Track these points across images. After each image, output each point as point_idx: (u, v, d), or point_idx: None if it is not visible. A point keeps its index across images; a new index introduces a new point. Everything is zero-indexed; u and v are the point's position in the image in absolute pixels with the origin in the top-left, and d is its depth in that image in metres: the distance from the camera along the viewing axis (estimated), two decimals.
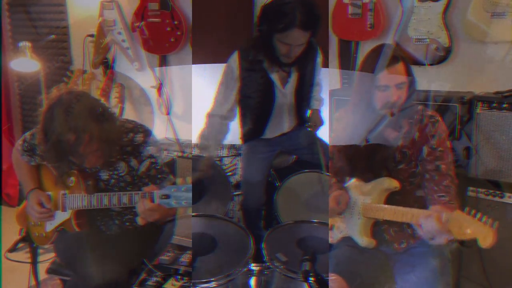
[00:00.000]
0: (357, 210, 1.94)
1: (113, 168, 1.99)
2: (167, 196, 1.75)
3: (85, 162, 1.91)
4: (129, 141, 1.97)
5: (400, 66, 1.77)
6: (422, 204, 1.83)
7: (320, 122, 2.75)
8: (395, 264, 1.91)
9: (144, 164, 1.99)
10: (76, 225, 2.00)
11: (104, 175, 2.00)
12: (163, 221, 2.11)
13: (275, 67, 2.41)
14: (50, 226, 2.09)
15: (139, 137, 1.97)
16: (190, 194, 1.74)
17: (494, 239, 1.45)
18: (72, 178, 2.00)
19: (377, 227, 1.92)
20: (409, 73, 1.79)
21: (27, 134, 2.11)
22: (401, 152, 1.87)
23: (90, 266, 1.88)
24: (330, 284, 1.75)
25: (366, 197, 1.91)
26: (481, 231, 1.46)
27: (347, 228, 1.98)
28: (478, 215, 1.49)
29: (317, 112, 2.77)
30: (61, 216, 2.03)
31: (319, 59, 2.61)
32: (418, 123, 1.86)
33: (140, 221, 1.85)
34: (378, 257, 1.92)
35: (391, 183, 1.85)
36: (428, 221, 1.62)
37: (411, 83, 1.81)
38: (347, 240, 1.96)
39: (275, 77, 2.45)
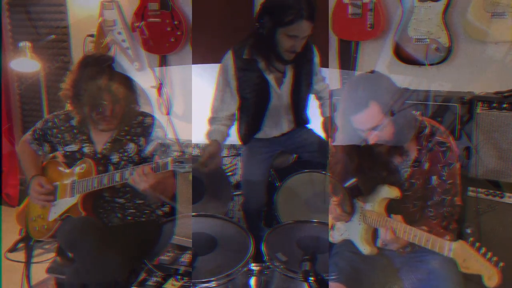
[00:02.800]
0: (357, 215, 1.92)
1: (123, 150, 2.11)
2: (181, 162, 1.89)
3: (107, 112, 2.03)
4: (138, 123, 2.15)
5: (370, 110, 1.63)
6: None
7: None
8: (402, 267, 1.88)
9: (152, 144, 2.11)
10: (82, 209, 2.06)
11: (115, 158, 2.11)
12: (153, 196, 2.11)
13: (271, 66, 2.41)
14: (53, 214, 2.13)
15: (148, 119, 2.17)
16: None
17: (500, 279, 1.41)
18: (84, 165, 2.10)
19: (373, 234, 1.90)
20: (389, 111, 1.63)
21: (38, 124, 2.24)
22: (409, 183, 1.82)
23: (91, 253, 1.90)
24: None
25: (366, 203, 1.88)
26: (487, 270, 1.43)
27: (348, 232, 1.97)
28: (483, 250, 1.46)
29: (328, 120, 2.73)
30: (67, 202, 2.10)
31: (317, 58, 2.60)
32: (428, 152, 1.77)
33: (130, 180, 1.96)
34: (381, 262, 1.90)
35: (391, 192, 1.80)
36: (385, 232, 1.70)
37: (397, 120, 1.66)
38: (348, 245, 1.94)
39: (270, 77, 2.44)
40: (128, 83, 2.10)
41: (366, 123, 1.67)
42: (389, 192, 1.81)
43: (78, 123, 2.15)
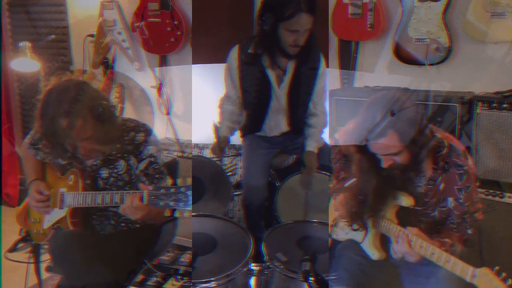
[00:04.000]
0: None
1: (113, 166, 2.00)
2: (156, 197, 1.74)
3: (79, 150, 1.90)
4: (130, 140, 1.99)
5: (387, 140, 1.60)
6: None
7: (316, 165, 2.56)
8: (402, 271, 1.87)
9: (143, 163, 2.00)
10: (71, 224, 2.00)
11: (104, 173, 2.01)
12: (149, 222, 2.09)
13: (274, 64, 2.42)
14: (47, 223, 2.10)
15: (140, 136, 2.00)
16: (180, 196, 1.71)
17: None
18: (72, 177, 2.01)
19: (381, 238, 1.90)
20: (407, 140, 1.59)
21: (32, 130, 2.15)
22: (423, 201, 1.78)
23: (78, 267, 1.87)
24: None
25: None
26: None
27: (355, 233, 1.94)
28: (509, 282, 1.40)
29: (313, 155, 2.56)
30: (58, 214, 2.05)
31: (322, 69, 2.52)
32: (444, 173, 1.72)
33: (120, 210, 1.85)
34: (386, 267, 1.89)
35: (406, 201, 1.76)
36: (401, 244, 1.66)
37: (414, 147, 1.63)
38: (354, 247, 1.92)
39: (271, 75, 2.45)
40: (99, 109, 1.85)
41: (383, 150, 1.65)
42: (403, 200, 1.77)
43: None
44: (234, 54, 2.49)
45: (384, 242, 1.89)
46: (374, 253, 1.86)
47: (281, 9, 2.24)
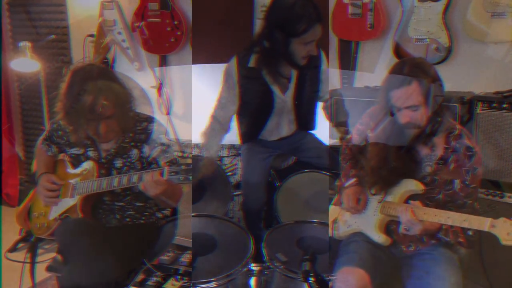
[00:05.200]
0: (373, 206, 1.93)
1: (127, 156, 2.10)
2: (176, 172, 1.85)
3: (99, 128, 1.98)
4: (143, 130, 2.11)
5: (411, 89, 1.70)
6: None
7: None
8: (403, 267, 1.89)
9: (156, 150, 2.09)
10: (81, 211, 2.06)
11: (118, 163, 2.10)
12: (164, 201, 2.13)
13: (277, 77, 2.41)
14: (54, 213, 2.14)
15: (152, 126, 2.11)
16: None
17: None
18: (87, 167, 2.10)
19: (386, 228, 1.92)
20: (427, 94, 1.70)
21: (49, 124, 2.27)
22: (431, 178, 1.84)
23: (84, 253, 1.90)
24: (350, 277, 1.72)
25: (387, 195, 1.89)
26: None
27: (359, 223, 1.97)
28: None
29: None
30: (67, 203, 2.10)
31: (324, 66, 2.58)
32: (454, 153, 1.80)
33: (141, 186, 1.92)
34: (392, 258, 1.91)
35: (418, 186, 1.82)
36: (405, 212, 1.72)
37: (432, 104, 1.73)
38: (362, 235, 1.95)
39: (275, 87, 2.44)
40: (120, 92, 2.01)
41: (404, 101, 1.72)
42: (415, 184, 1.82)
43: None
44: (233, 67, 2.43)
45: (388, 229, 1.91)
46: (380, 236, 1.88)
47: (294, 26, 2.22)
